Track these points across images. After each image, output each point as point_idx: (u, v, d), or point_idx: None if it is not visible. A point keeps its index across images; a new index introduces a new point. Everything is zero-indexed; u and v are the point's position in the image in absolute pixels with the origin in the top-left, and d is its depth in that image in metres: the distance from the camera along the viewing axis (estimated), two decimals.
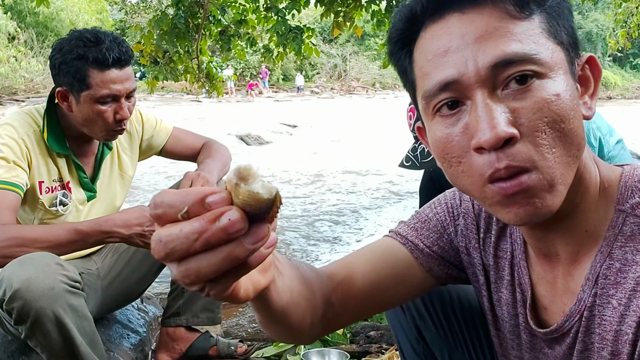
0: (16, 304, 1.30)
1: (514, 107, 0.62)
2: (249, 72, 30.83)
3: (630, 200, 0.68)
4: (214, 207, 0.41)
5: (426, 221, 0.92)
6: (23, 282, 1.29)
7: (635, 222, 0.67)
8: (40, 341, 1.37)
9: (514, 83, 0.62)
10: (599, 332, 0.68)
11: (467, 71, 0.63)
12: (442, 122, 0.67)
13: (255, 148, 11.46)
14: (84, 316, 1.42)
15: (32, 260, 1.34)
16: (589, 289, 0.70)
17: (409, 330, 1.11)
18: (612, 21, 9.84)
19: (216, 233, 0.40)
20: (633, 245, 0.66)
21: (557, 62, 0.64)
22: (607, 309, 0.67)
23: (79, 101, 1.56)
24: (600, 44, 32.35)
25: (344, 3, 5.36)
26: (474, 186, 0.66)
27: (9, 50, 21.23)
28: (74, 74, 1.53)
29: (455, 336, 1.07)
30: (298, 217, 5.76)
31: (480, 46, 0.62)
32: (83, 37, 1.54)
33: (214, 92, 6.29)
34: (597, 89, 0.70)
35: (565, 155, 0.63)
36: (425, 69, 0.68)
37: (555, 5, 0.66)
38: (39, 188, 1.61)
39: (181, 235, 0.41)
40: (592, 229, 0.71)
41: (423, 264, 0.88)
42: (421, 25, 0.68)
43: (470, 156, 0.65)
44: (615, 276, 0.67)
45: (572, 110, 0.63)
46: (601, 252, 0.69)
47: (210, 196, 0.41)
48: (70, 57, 1.53)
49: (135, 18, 14.03)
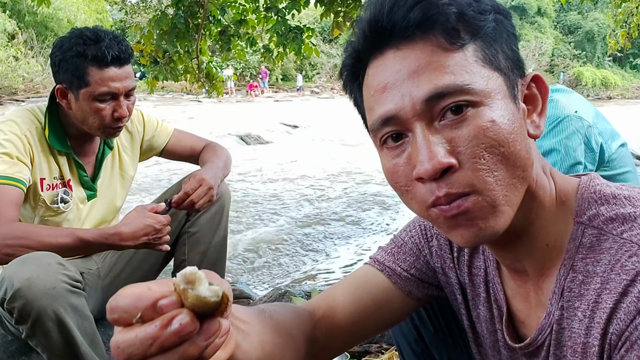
0: (17, 304, 1.30)
1: (451, 136, 0.64)
2: (249, 72, 30.85)
3: (587, 212, 0.70)
4: (165, 310, 0.44)
5: (402, 245, 0.96)
6: (24, 282, 1.29)
7: (592, 233, 0.68)
8: (41, 341, 1.36)
9: (449, 113, 0.64)
10: (570, 344, 0.69)
11: (404, 106, 0.65)
12: (389, 154, 0.70)
13: (255, 148, 11.47)
14: (84, 316, 1.41)
15: (34, 259, 1.34)
16: (555, 302, 0.71)
17: (408, 331, 1.12)
18: (612, 21, 9.84)
19: (169, 337, 0.43)
20: (593, 256, 0.68)
21: (494, 89, 0.65)
22: (574, 321, 0.69)
23: (77, 98, 1.57)
24: (600, 44, 32.37)
25: (343, 3, 5.36)
26: (421, 211, 0.69)
27: (9, 50, 21.22)
28: (73, 71, 1.53)
29: (453, 336, 1.08)
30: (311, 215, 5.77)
31: (414, 82, 0.65)
32: (83, 35, 1.55)
33: (214, 92, 6.29)
34: (545, 107, 0.71)
35: (508, 177, 0.65)
36: (369, 104, 0.71)
37: (491, 31, 0.66)
38: (40, 185, 1.61)
39: (136, 341, 0.44)
40: (553, 242, 0.72)
41: (401, 288, 0.91)
42: (366, 61, 0.71)
43: (415, 184, 0.67)
44: (579, 288, 0.68)
45: (512, 133, 0.64)
46: (564, 265, 0.70)
47: (161, 300, 0.44)
48: (70, 54, 1.53)
49: (135, 18, 14.03)
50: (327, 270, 4.14)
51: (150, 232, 1.53)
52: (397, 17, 0.65)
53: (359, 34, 0.70)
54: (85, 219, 1.76)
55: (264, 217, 5.78)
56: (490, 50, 0.66)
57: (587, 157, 1.73)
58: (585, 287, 0.67)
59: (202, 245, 1.86)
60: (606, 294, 0.64)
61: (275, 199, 6.75)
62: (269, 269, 4.19)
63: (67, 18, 22.98)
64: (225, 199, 1.89)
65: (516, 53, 0.69)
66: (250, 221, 5.56)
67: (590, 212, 0.69)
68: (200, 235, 1.82)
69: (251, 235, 5.04)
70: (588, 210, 0.70)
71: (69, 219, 1.70)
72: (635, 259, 0.63)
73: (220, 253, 1.91)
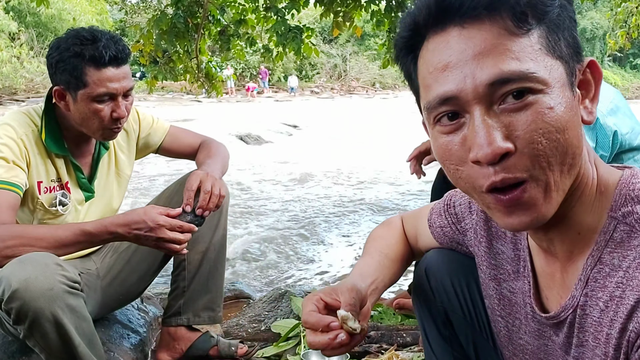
0: (14, 304, 1.30)
1: (510, 121, 0.65)
2: (248, 72, 30.81)
3: (623, 208, 0.70)
4: (333, 329, 0.86)
5: (451, 207, 1.07)
6: (22, 282, 1.29)
7: (624, 229, 0.69)
8: (39, 341, 1.36)
9: (510, 98, 0.65)
10: (592, 331, 0.71)
11: (465, 87, 0.65)
12: (442, 131, 0.70)
13: (255, 148, 11.46)
14: (82, 317, 1.41)
15: (32, 260, 1.34)
16: (580, 288, 0.73)
17: (437, 314, 1.15)
18: (612, 20, 9.83)
19: (334, 344, 0.85)
20: (621, 251, 0.69)
21: (555, 78, 0.65)
22: (596, 310, 0.71)
23: (76, 100, 1.56)
24: (599, 43, 32.35)
25: (343, 3, 5.35)
26: (472, 192, 0.71)
27: (11, 50, 21.19)
28: (71, 71, 1.52)
29: (480, 322, 1.11)
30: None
31: (478, 63, 0.64)
32: (80, 35, 1.53)
33: (214, 92, 6.28)
34: (598, 92, 0.71)
35: (560, 164, 0.66)
36: (427, 81, 0.70)
37: (556, 17, 0.66)
38: (38, 188, 1.61)
39: (318, 341, 0.86)
40: (585, 232, 0.73)
41: (437, 240, 1.13)
42: (424, 34, 0.70)
43: (469, 166, 0.68)
44: (604, 280, 0.70)
45: (568, 121, 0.65)
46: (592, 255, 0.71)
47: (332, 324, 0.86)
48: (67, 55, 1.52)
49: (135, 18, 14.00)
50: (327, 270, 4.14)
51: (143, 228, 1.51)
52: None
53: (422, 6, 0.69)
54: (84, 220, 1.76)
55: (264, 217, 5.77)
56: (554, 37, 0.66)
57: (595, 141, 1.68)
58: (609, 279, 0.69)
59: (202, 245, 1.86)
60: (629, 290, 0.65)
61: (275, 198, 6.74)
62: (269, 268, 4.19)
63: (73, 17, 22.89)
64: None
65: (576, 39, 0.69)
66: (250, 221, 5.56)
67: (625, 209, 0.70)
68: (200, 235, 1.82)
69: (251, 235, 5.04)
70: (624, 207, 0.70)
71: (68, 221, 1.70)
72: None
73: (220, 251, 1.91)
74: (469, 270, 1.09)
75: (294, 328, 2.03)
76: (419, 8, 0.69)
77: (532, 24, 0.65)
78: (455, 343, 1.14)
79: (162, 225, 1.52)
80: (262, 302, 2.37)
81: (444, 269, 1.13)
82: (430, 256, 1.17)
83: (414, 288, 1.22)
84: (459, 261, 1.12)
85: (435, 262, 1.15)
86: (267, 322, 2.18)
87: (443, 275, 1.13)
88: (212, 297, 1.92)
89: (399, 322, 2.12)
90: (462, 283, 1.12)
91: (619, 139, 1.70)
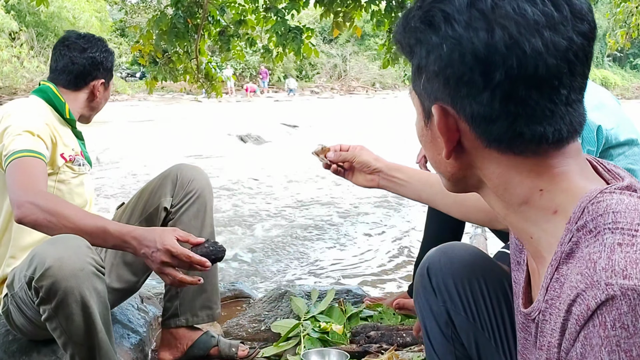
0: (46, 282, 1.30)
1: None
2: (248, 73, 30.82)
3: (579, 221, 0.70)
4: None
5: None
6: (56, 261, 1.30)
7: (574, 241, 0.70)
8: (62, 323, 1.36)
9: None
10: (547, 338, 0.72)
11: None
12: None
13: (255, 148, 11.46)
14: (104, 303, 1.42)
15: (63, 241, 1.36)
16: (542, 295, 0.74)
17: (439, 313, 1.15)
18: (611, 20, 9.83)
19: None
20: (571, 262, 0.69)
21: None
22: (551, 319, 0.71)
23: (106, 88, 1.93)
24: (598, 43, 32.34)
25: (343, 3, 5.36)
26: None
27: (11, 50, 21.20)
28: (111, 65, 1.94)
29: (483, 322, 1.11)
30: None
31: None
32: (101, 37, 1.96)
33: (213, 93, 6.29)
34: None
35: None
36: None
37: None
38: (61, 158, 1.75)
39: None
40: (545, 242, 0.75)
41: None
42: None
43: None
44: (560, 290, 0.70)
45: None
46: (552, 265, 0.72)
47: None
48: (108, 52, 1.91)
49: (135, 18, 14.02)
50: (328, 270, 4.14)
51: (152, 247, 1.43)
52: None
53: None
54: (88, 190, 1.90)
55: (264, 217, 5.78)
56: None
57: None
58: (562, 290, 0.69)
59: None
60: (568, 303, 0.66)
61: (275, 199, 6.75)
62: (268, 268, 4.20)
63: (73, 15, 22.88)
64: (205, 195, 1.87)
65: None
66: (249, 221, 5.56)
67: (580, 222, 0.70)
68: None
69: (250, 235, 5.05)
70: (580, 220, 0.70)
71: (85, 183, 1.85)
72: (580, 277, 0.64)
73: None
74: (471, 270, 1.09)
75: (294, 328, 2.03)
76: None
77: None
78: (457, 343, 1.14)
79: (168, 250, 1.42)
80: (262, 302, 2.37)
81: (446, 269, 1.13)
82: (432, 256, 1.17)
83: (416, 287, 1.22)
84: (461, 261, 1.12)
85: (437, 262, 1.15)
86: (267, 322, 2.18)
87: (445, 275, 1.13)
88: (208, 295, 1.92)
89: (399, 322, 2.12)
90: (464, 282, 1.11)
91: (603, 133, 1.70)
